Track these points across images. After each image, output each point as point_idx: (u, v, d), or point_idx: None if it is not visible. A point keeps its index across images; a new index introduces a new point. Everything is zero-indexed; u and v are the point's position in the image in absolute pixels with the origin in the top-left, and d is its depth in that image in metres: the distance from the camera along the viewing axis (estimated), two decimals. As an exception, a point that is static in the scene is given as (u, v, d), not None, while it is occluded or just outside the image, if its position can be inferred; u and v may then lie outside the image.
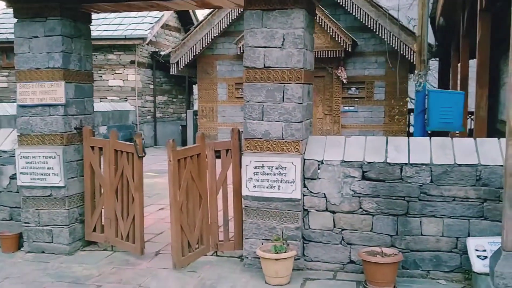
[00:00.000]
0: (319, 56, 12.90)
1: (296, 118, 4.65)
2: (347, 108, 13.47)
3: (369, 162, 4.57)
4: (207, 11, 14.31)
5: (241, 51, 13.21)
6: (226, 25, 13.39)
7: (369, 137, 4.85)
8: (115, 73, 17.27)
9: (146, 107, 17.92)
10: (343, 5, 12.61)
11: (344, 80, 13.16)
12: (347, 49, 12.59)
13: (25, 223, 5.49)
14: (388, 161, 4.54)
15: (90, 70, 5.71)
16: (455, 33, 11.59)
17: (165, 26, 18.83)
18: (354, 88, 13.40)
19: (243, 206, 4.92)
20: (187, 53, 13.67)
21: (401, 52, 12.31)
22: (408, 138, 4.73)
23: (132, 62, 17.07)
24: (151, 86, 18.21)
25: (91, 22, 5.74)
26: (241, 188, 4.89)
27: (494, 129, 10.17)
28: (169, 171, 4.70)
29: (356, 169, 4.60)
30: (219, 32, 13.43)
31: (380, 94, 13.20)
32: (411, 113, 14.06)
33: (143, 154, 5.06)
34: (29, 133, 5.40)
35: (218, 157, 5.13)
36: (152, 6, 5.23)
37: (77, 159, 5.52)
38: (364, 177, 4.59)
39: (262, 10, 4.64)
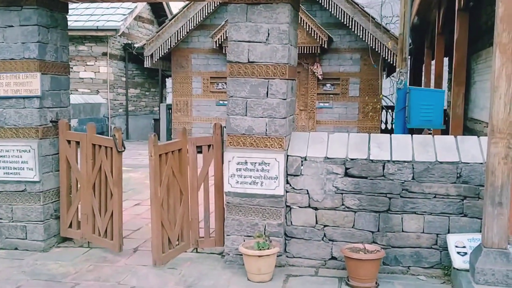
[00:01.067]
0: (295, 52, 12.90)
1: (280, 114, 4.61)
2: (322, 104, 13.53)
3: (352, 159, 4.58)
4: (182, 3, 14.14)
5: (217, 44, 13.11)
6: (202, 18, 13.24)
7: (352, 134, 4.87)
8: (86, 65, 16.90)
9: (118, 100, 17.62)
10: (319, 1, 12.63)
11: (320, 76, 13.21)
12: (323, 45, 12.63)
13: (-2, 219, 5.31)
14: (370, 158, 4.56)
15: (66, 61, 5.54)
16: (428, 31, 11.77)
17: (138, 18, 18.53)
18: (329, 85, 13.47)
19: (225, 202, 4.86)
20: (161, 45, 13.46)
21: (376, 49, 12.42)
22: (390, 135, 4.76)
23: (104, 54, 16.74)
24: (123, 79, 17.91)
25: (68, 12, 5.56)
26: (223, 184, 4.84)
27: (464, 126, 10.39)
28: (150, 166, 4.60)
29: (339, 166, 4.60)
30: (194, 25, 13.27)
31: (355, 90, 13.31)
32: (390, 111, 14.21)
33: (123, 149, 4.94)
34: (3, 126, 5.20)
35: (200, 152, 5.06)
36: (133, -3, 5.10)
37: (52, 153, 5.36)
38: (347, 174, 4.60)
39: (247, 4, 4.58)
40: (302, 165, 4.68)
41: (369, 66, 13.15)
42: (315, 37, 12.58)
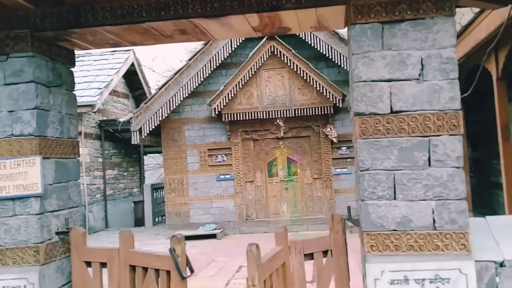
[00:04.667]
0: (302, 114, 11.36)
1: (456, 193, 2.80)
2: (339, 170, 11.83)
3: None
4: (157, 75, 12.50)
5: (215, 112, 11.41)
6: (196, 85, 11.59)
7: (561, 215, 3.09)
8: (58, 147, 14.78)
9: (95, 184, 15.43)
10: (330, 57, 11.24)
11: (334, 139, 11.60)
12: (337, 104, 11.13)
13: None
14: None
15: (75, 137, 3.64)
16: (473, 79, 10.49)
17: (113, 92, 16.79)
18: (345, 148, 11.85)
19: None
20: (152, 117, 11.62)
21: (399, 104, 10.99)
22: None
23: (78, 133, 14.73)
24: (100, 160, 15.82)
25: (74, 65, 3.72)
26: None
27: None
28: (253, 303, 2.62)
29: None
30: (188, 92, 11.59)
31: (375, 152, 11.72)
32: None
33: (189, 273, 2.95)
34: (-23, 249, 3.15)
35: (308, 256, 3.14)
36: (184, 33, 3.30)
37: (61, 284, 3.30)
38: None
39: (381, 22, 2.89)
40: (497, 276, 2.82)
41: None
42: (327, 96, 11.09)
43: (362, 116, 2.90)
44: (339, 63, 11.18)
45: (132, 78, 17.97)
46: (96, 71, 16.02)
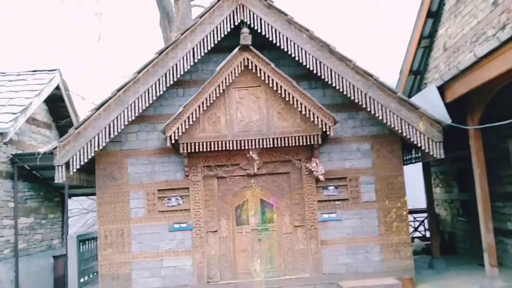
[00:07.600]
0: (283, 145, 8.99)
1: None
2: (326, 215, 9.45)
3: None
4: (88, 103, 9.72)
5: (171, 141, 8.73)
6: (145, 106, 8.90)
7: None
8: (-47, 189, 11.40)
9: (3, 237, 12.02)
10: (318, 74, 9.00)
11: (321, 177, 9.27)
12: (327, 132, 8.86)
13: None
14: None
15: None
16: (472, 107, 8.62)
17: (32, 121, 13.62)
18: (332, 187, 9.52)
19: None
20: (84, 148, 8.69)
21: (404, 133, 8.93)
22: None
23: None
24: (11, 205, 12.47)
25: None
26: None
27: None
28: None
29: None
30: (135, 115, 8.85)
31: (370, 193, 9.49)
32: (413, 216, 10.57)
33: None
34: None
35: None
36: None
37: None
38: None
39: None
40: None
41: (384, 159, 9.57)
42: (315, 122, 8.82)
43: None
44: (329, 82, 8.96)
45: (57, 105, 14.89)
46: (10, 93, 12.85)
